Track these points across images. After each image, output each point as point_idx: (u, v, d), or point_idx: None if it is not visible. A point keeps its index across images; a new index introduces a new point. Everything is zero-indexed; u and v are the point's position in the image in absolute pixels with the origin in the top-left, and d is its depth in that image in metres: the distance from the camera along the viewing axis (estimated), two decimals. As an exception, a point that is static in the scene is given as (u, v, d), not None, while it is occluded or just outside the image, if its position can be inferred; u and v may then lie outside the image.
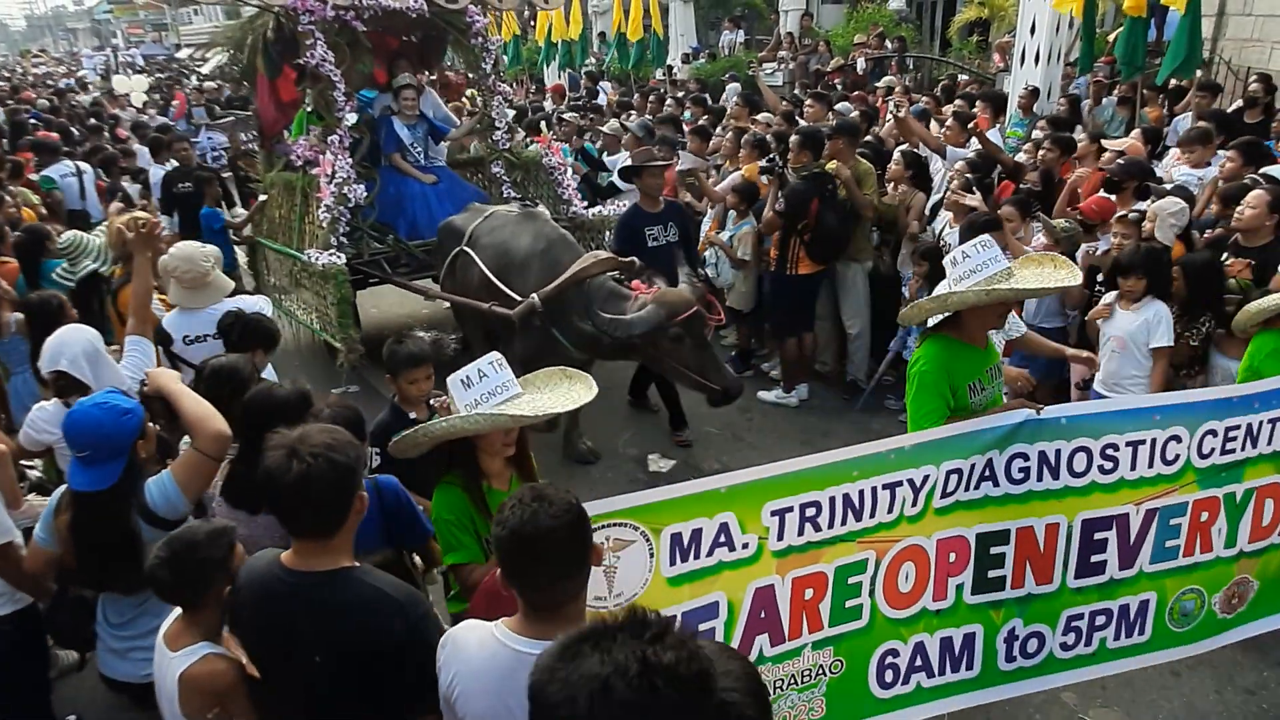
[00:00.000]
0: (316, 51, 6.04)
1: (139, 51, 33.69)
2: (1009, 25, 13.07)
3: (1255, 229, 4.46)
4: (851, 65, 12.72)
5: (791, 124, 8.07)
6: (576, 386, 2.67)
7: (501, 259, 5.30)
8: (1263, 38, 9.42)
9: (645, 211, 5.80)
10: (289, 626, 2.05)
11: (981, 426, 2.77)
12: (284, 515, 2.06)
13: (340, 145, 6.30)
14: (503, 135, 7.34)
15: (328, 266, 5.95)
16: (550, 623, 1.81)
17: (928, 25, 18.35)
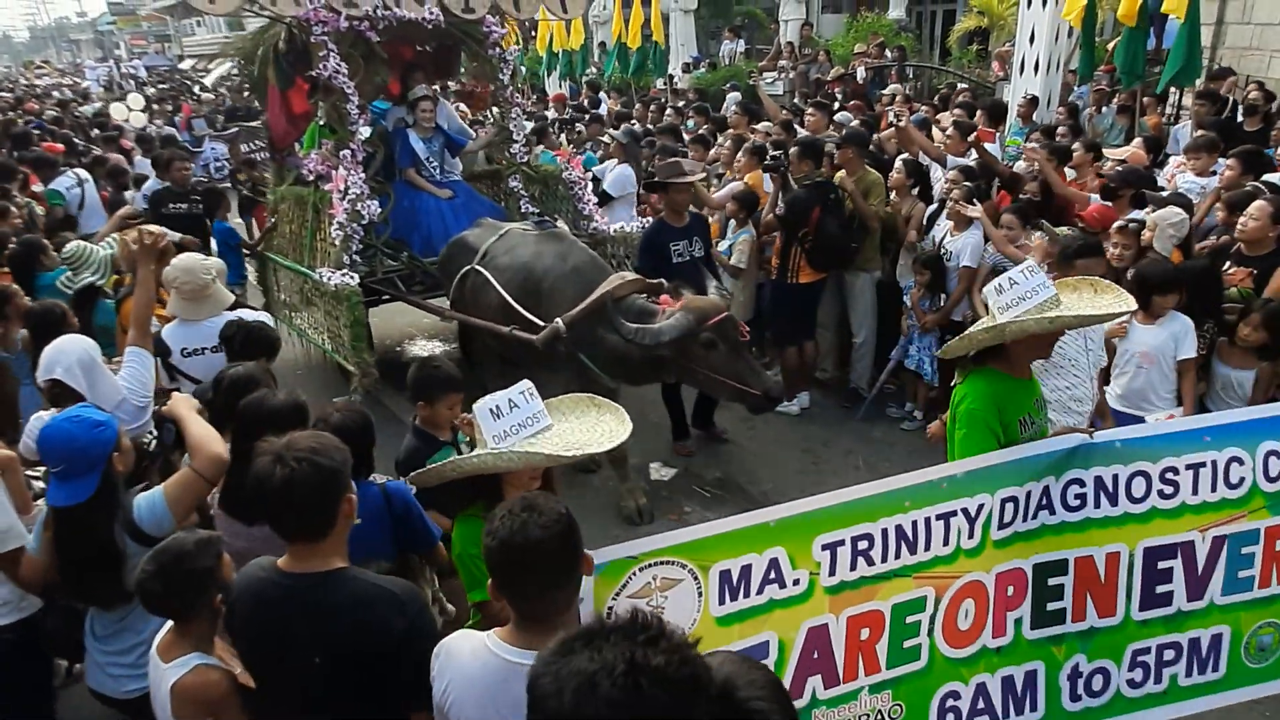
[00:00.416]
0: (330, 63, 5.86)
1: (141, 63, 33.89)
2: (1008, 34, 13.15)
3: (1259, 239, 4.46)
4: (851, 74, 12.77)
5: (791, 133, 8.10)
6: (607, 418, 2.52)
7: (523, 281, 5.08)
8: (1261, 46, 9.46)
9: (670, 226, 5.63)
10: (286, 629, 2.06)
11: (1035, 452, 2.66)
12: (272, 519, 2.09)
13: (353, 159, 6.10)
14: (520, 148, 7.16)
15: (341, 288, 5.71)
16: (542, 633, 1.82)
17: (927, 34, 18.46)
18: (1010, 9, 13.86)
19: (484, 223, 5.96)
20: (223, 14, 5.87)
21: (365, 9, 5.87)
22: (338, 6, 5.75)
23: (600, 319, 4.49)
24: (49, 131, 12.81)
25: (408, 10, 6.08)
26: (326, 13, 5.79)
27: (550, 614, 1.84)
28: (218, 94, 22.55)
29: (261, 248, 7.53)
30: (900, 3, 17.47)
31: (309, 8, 5.67)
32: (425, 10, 6.13)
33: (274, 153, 7.61)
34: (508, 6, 6.58)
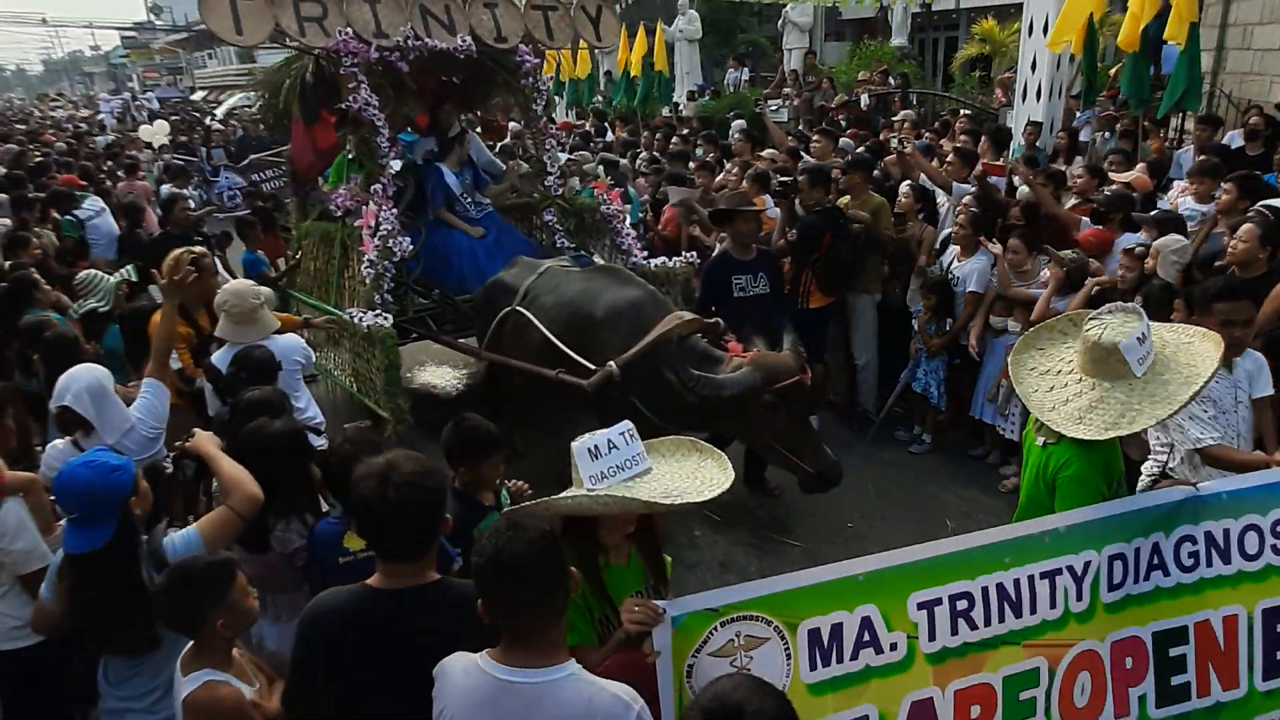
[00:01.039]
0: (360, 95, 5.62)
1: (154, 95, 34.32)
2: (1010, 61, 13.30)
3: (1249, 262, 4.50)
4: (855, 101, 12.91)
5: (797, 160, 8.20)
6: (708, 465, 2.39)
7: (569, 321, 4.79)
8: (1262, 71, 9.55)
9: (735, 259, 5.34)
10: (388, 643, 2.11)
11: (1140, 506, 2.50)
12: (380, 539, 2.17)
13: (384, 194, 5.81)
14: (555, 181, 6.88)
15: (374, 329, 5.37)
16: (530, 650, 1.90)
17: (930, 61, 18.65)
18: (1011, 36, 14.04)
19: (520, 261, 5.73)
20: (250, 45, 5.43)
21: (396, 39, 5.65)
22: (368, 37, 5.55)
23: (659, 360, 4.20)
24: (65, 164, 13.00)
25: (439, 40, 5.81)
26: (356, 44, 5.54)
27: (538, 631, 1.91)
28: (229, 125, 22.86)
29: (283, 283, 7.33)
30: (903, 30, 17.67)
31: (338, 39, 5.45)
32: (457, 40, 5.86)
33: (297, 187, 7.44)
34: (541, 35, 6.33)
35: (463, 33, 5.89)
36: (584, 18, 6.45)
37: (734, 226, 5.37)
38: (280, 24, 5.25)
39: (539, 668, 1.88)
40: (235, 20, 5.13)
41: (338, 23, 5.45)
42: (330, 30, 5.45)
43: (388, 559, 2.16)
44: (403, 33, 5.66)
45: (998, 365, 5.66)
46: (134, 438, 3.39)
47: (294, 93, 6.17)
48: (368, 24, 5.56)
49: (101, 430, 3.28)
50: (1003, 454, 5.89)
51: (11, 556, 2.89)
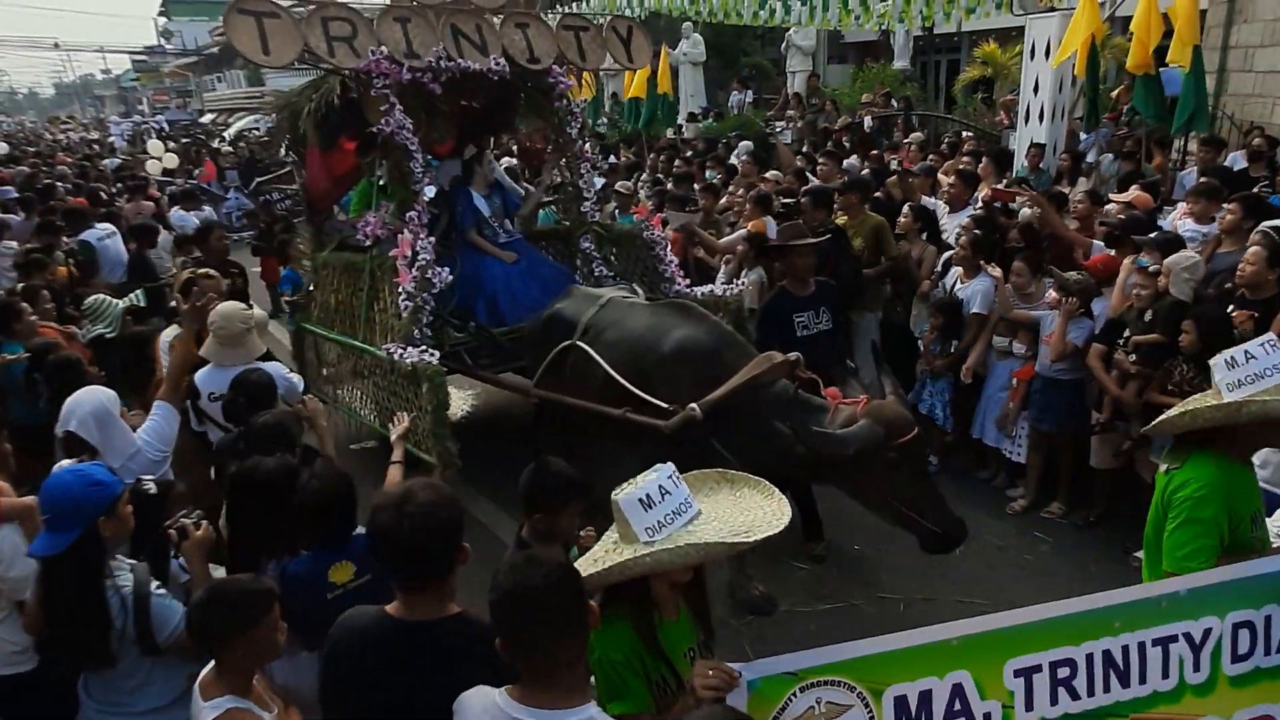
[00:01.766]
0: (393, 118, 5.35)
1: (164, 118, 34.71)
2: (1012, 83, 13.39)
3: (1259, 284, 4.51)
4: (858, 123, 13.00)
5: (804, 182, 8.25)
6: (753, 496, 2.25)
7: (639, 358, 4.47)
8: (1264, 93, 9.60)
9: (794, 295, 4.96)
10: (405, 674, 2.11)
11: (1273, 568, 2.29)
12: (397, 569, 2.17)
13: (419, 222, 5.49)
14: (591, 206, 6.54)
15: (422, 368, 4.94)
16: (550, 689, 1.84)
17: (932, 84, 18.78)
18: (1013, 59, 14.14)
19: (576, 292, 5.35)
20: (278, 66, 5.16)
21: (428, 60, 5.41)
22: (399, 58, 5.32)
23: (746, 410, 3.94)
24: (76, 185, 13.14)
25: (472, 61, 5.57)
26: (388, 64, 5.29)
27: (558, 669, 1.85)
28: (237, 147, 23.10)
29: (298, 316, 6.98)
30: (905, 53, 17.81)
31: (370, 59, 5.22)
32: (490, 61, 5.62)
33: (312, 215, 7.08)
34: (574, 57, 6.11)
35: (495, 53, 5.67)
36: (615, 39, 6.30)
37: (790, 261, 5.01)
38: (309, 44, 5.07)
39: (558, 709, 1.83)
40: (262, 41, 4.95)
41: (368, 43, 5.26)
42: (361, 51, 5.24)
43: (406, 589, 2.17)
44: (435, 53, 5.45)
45: (1001, 386, 5.66)
46: (139, 461, 3.40)
47: (313, 117, 5.83)
48: (399, 44, 5.36)
49: (106, 455, 3.28)
50: (1009, 476, 5.86)
51: (8, 583, 2.89)
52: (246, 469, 2.93)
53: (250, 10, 4.95)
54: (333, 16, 5.22)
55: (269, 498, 2.88)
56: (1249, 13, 9.90)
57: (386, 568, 2.21)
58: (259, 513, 2.87)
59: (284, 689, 2.87)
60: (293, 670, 2.88)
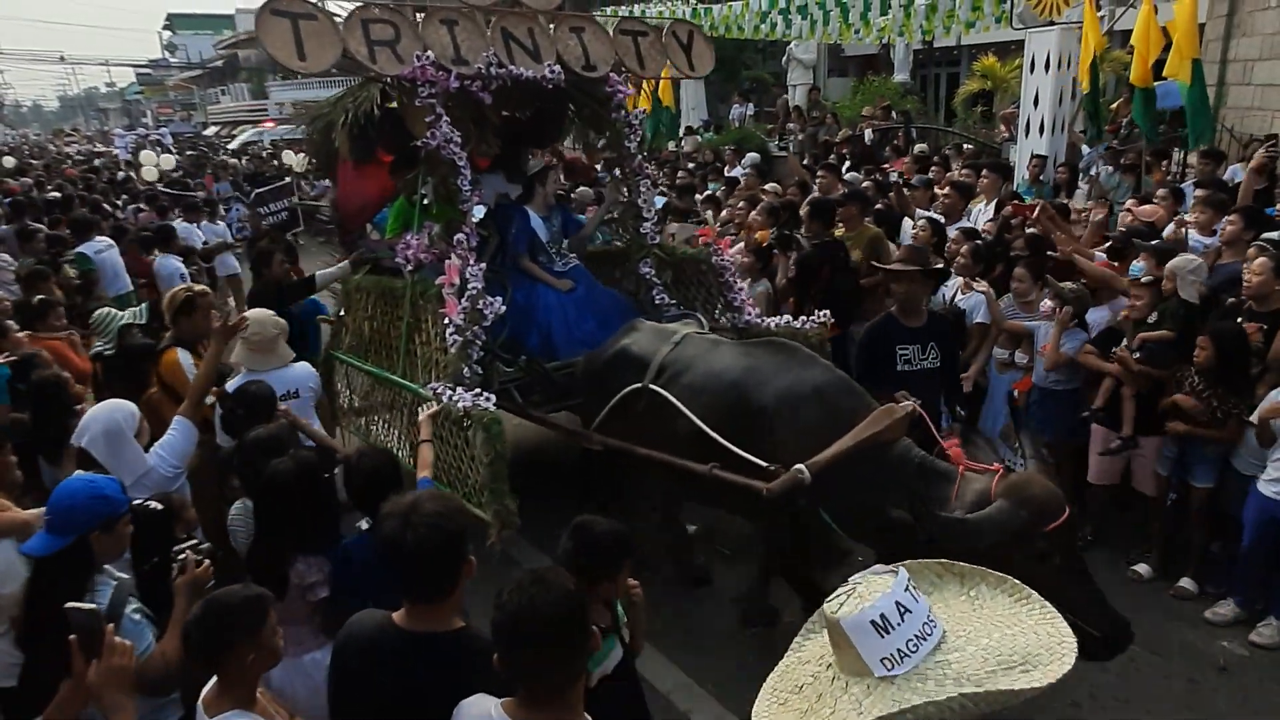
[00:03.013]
0: (440, 130, 4.83)
1: (168, 130, 34.91)
2: (1012, 96, 13.46)
3: (1265, 295, 4.53)
4: (859, 136, 13.06)
5: (805, 194, 8.32)
6: (999, 602, 1.71)
7: (731, 405, 3.89)
8: (1264, 106, 9.64)
9: (902, 325, 4.40)
10: (407, 686, 2.10)
11: None
12: (401, 580, 2.16)
13: (468, 246, 4.92)
14: (651, 227, 5.90)
15: (477, 414, 4.31)
16: (549, 708, 1.84)
17: (932, 97, 18.88)
18: (1012, 73, 14.23)
19: (642, 326, 4.82)
20: (315, 72, 4.65)
21: (478, 67, 4.88)
22: (446, 64, 4.79)
23: (860, 475, 3.38)
24: (80, 197, 13.21)
25: (524, 68, 5.03)
26: (435, 71, 4.74)
27: (558, 689, 1.85)
28: (241, 159, 23.25)
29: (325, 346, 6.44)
30: (905, 66, 17.92)
31: (415, 65, 4.69)
32: (545, 68, 5.09)
33: (343, 235, 6.52)
34: (632, 64, 5.55)
35: (549, 60, 5.14)
36: (675, 44, 5.75)
37: (903, 287, 4.44)
38: (348, 48, 4.56)
39: None
40: (298, 45, 4.45)
41: (413, 48, 4.73)
42: (405, 56, 4.70)
43: (412, 599, 2.17)
44: (484, 59, 4.91)
45: (1003, 399, 5.66)
46: (152, 478, 3.40)
47: (350, 129, 5.34)
48: (446, 49, 4.83)
49: (115, 474, 3.24)
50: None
51: (5, 600, 2.86)
52: (268, 475, 2.97)
53: (284, 11, 4.44)
54: (374, 19, 4.70)
55: (290, 498, 2.94)
56: (1247, 27, 9.97)
57: (393, 577, 2.20)
58: (282, 513, 2.93)
59: (279, 693, 2.87)
60: (288, 675, 2.89)
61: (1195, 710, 3.78)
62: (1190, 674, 3.92)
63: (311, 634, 2.96)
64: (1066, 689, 3.91)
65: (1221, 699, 3.79)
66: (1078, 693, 3.91)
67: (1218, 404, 4.43)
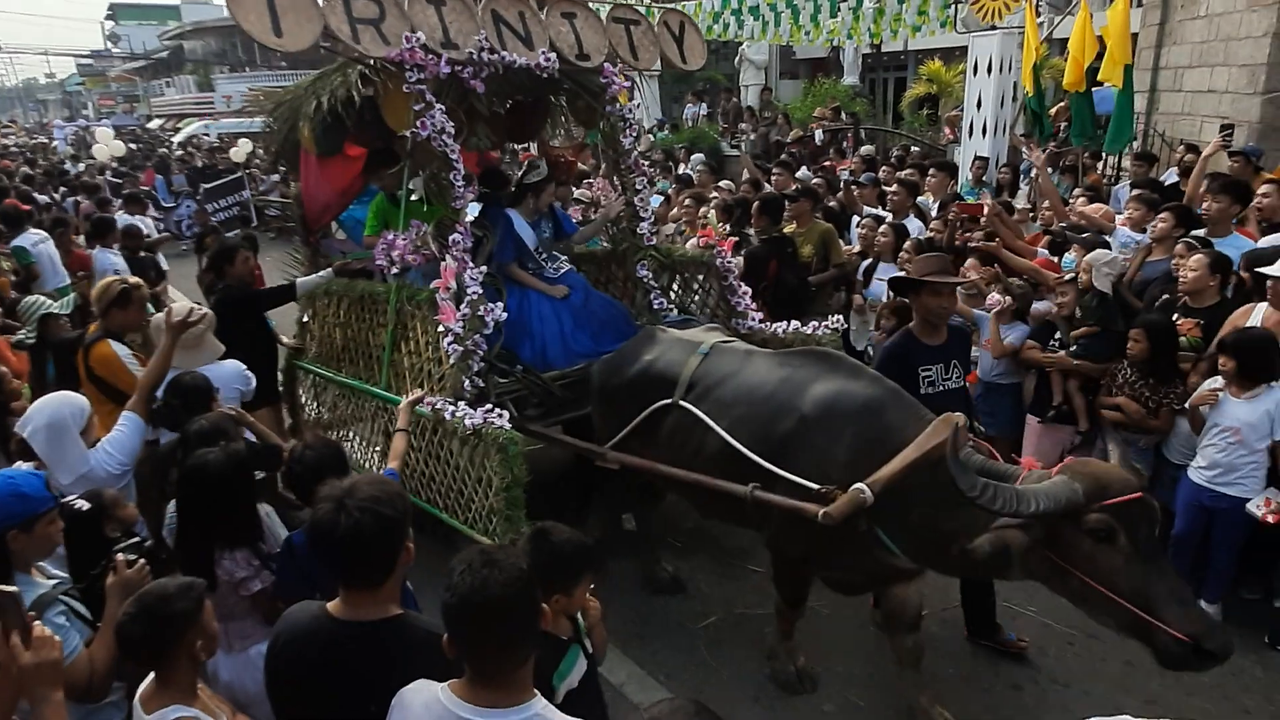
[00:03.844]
0: (434, 119, 4.42)
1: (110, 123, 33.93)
2: (956, 100, 13.77)
3: (1200, 290, 4.70)
4: (810, 136, 13.25)
5: (758, 190, 8.44)
6: None
7: (767, 420, 3.62)
8: (1193, 112, 9.99)
9: (922, 344, 4.05)
10: (343, 676, 2.05)
11: None
12: (334, 567, 2.10)
13: (463, 248, 4.56)
14: (649, 227, 5.59)
15: (492, 434, 3.96)
16: (499, 689, 1.82)
17: (880, 100, 19.21)
18: (956, 77, 14.57)
19: (661, 337, 4.52)
20: (293, 49, 4.23)
21: (469, 51, 4.52)
22: (436, 48, 4.43)
23: (916, 491, 3.11)
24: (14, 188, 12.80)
25: (517, 54, 4.69)
26: (423, 55, 4.37)
27: (508, 670, 1.83)
28: (187, 152, 22.71)
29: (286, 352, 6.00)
30: (854, 70, 18.21)
31: (404, 47, 4.30)
32: (540, 56, 4.75)
33: (306, 235, 6.01)
34: (626, 54, 5.23)
35: (542, 46, 4.80)
36: (668, 35, 5.43)
37: (922, 301, 4.01)
38: (330, 25, 4.19)
39: (503, 707, 1.81)
40: (274, 19, 4.07)
41: (399, 28, 4.35)
42: (391, 37, 4.31)
43: (346, 586, 2.11)
44: (476, 43, 4.55)
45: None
46: (95, 476, 3.32)
47: (318, 118, 4.92)
48: (434, 31, 4.45)
49: (53, 470, 3.21)
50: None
51: None
52: (194, 462, 2.87)
53: None
54: None
55: (216, 489, 2.84)
56: (1178, 35, 10.32)
57: (324, 564, 2.15)
58: (208, 505, 2.82)
59: (228, 687, 2.84)
60: (236, 669, 2.86)
61: (1131, 692, 3.90)
62: (1126, 657, 4.02)
63: (255, 626, 2.91)
64: (1007, 672, 4.08)
65: (1155, 681, 3.90)
66: (1018, 675, 4.03)
67: (1150, 395, 4.60)
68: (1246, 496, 4.10)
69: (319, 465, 2.98)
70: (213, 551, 2.84)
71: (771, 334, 5.14)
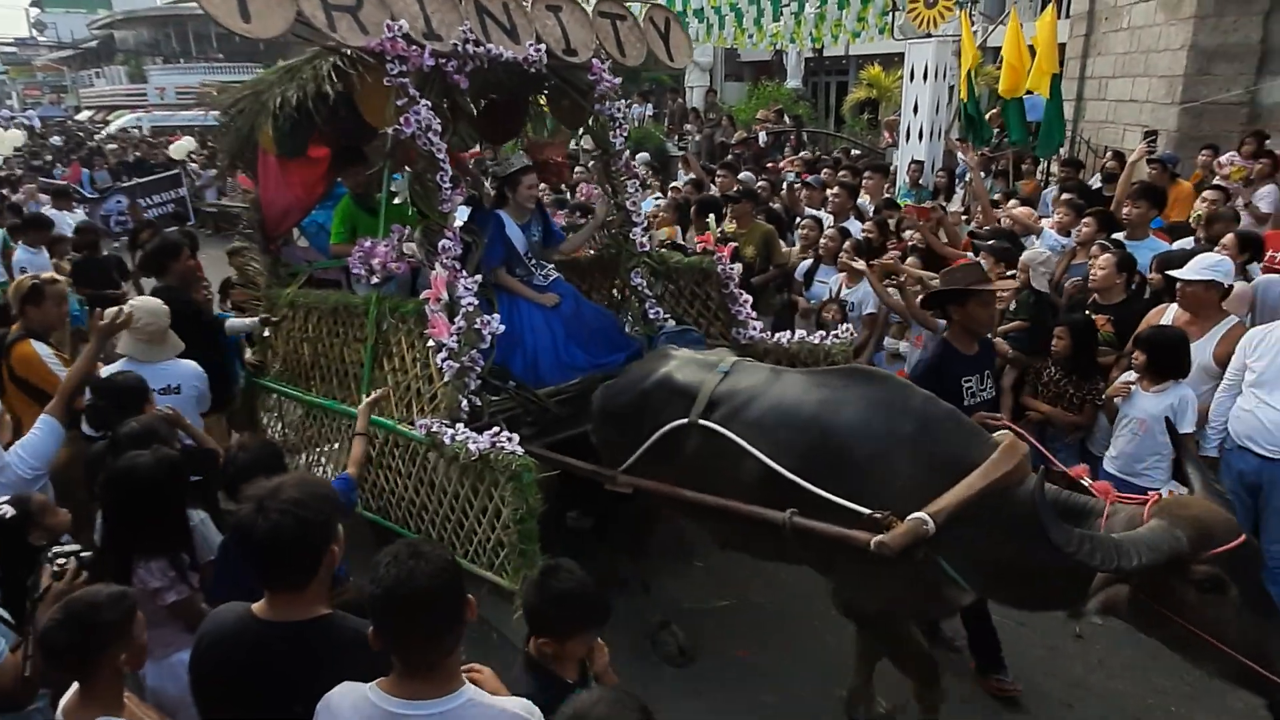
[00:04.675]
0: (419, 115, 4.11)
1: (35, 113, 32.68)
2: (895, 105, 14.10)
3: (1108, 287, 4.95)
4: (753, 138, 13.44)
5: (700, 191, 8.55)
6: None
7: (812, 443, 3.30)
8: (1116, 120, 10.43)
9: (960, 354, 3.93)
10: (268, 677, 2.02)
11: None
12: (254, 568, 2.06)
13: (453, 255, 4.23)
14: (641, 233, 5.25)
15: (502, 461, 3.58)
16: (426, 681, 1.82)
17: (823, 103, 19.58)
18: (895, 82, 14.91)
19: (673, 351, 4.22)
20: (262, 37, 3.91)
21: (453, 43, 4.19)
22: (417, 38, 4.10)
23: (983, 519, 2.89)
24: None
25: (502, 48, 4.36)
26: (406, 45, 4.04)
27: (435, 662, 1.83)
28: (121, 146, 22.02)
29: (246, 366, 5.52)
30: (797, 73, 18.54)
31: (385, 36, 3.97)
32: (528, 49, 4.44)
33: (265, 242, 5.39)
34: (612, 49, 4.96)
35: (528, 39, 4.50)
36: (654, 31, 5.16)
37: (970, 311, 3.88)
38: (303, 12, 3.88)
39: (433, 698, 1.81)
40: (241, 4, 3.76)
41: (379, 16, 4.02)
42: (369, 25, 3.97)
43: (268, 587, 2.07)
44: (460, 35, 4.21)
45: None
46: (6, 478, 3.23)
47: (283, 115, 4.45)
48: (415, 20, 4.12)
49: None
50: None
51: None
52: (120, 466, 2.79)
53: None
54: None
55: (143, 495, 2.76)
56: (1103, 46, 10.77)
57: (247, 565, 2.10)
58: (132, 511, 2.75)
59: (154, 692, 2.79)
60: (160, 676, 2.81)
61: (1055, 674, 4.06)
62: (1050, 642, 4.18)
63: (176, 633, 2.83)
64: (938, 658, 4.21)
65: (1078, 664, 4.07)
66: (952, 664, 4.10)
67: (1073, 392, 4.81)
68: (1154, 487, 4.29)
69: (252, 467, 2.90)
70: (132, 559, 2.76)
71: (774, 345, 4.84)
